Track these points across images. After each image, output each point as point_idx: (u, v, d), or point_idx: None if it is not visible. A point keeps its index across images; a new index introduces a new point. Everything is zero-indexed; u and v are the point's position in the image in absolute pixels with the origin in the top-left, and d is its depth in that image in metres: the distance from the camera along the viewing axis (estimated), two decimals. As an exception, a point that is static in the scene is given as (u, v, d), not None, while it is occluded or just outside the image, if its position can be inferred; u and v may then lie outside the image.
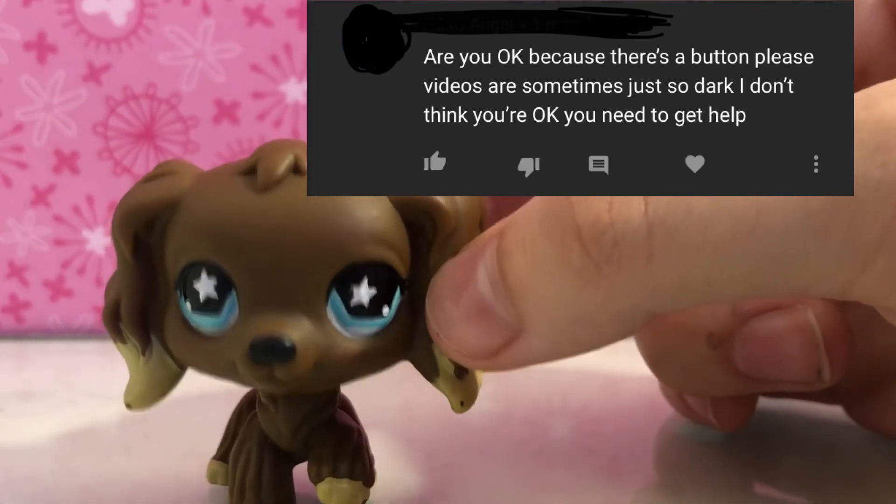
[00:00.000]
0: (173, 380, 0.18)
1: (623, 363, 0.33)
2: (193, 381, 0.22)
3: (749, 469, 0.23)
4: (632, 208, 0.15)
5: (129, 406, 0.18)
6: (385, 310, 0.17)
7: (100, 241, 0.37)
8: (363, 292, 0.17)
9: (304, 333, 0.16)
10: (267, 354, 0.16)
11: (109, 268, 0.37)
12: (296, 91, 0.36)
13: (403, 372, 0.21)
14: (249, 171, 0.17)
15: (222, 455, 0.20)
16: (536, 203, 0.16)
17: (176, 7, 0.35)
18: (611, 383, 0.31)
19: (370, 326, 0.17)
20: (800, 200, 0.14)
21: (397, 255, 0.17)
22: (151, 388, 0.18)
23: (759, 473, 0.22)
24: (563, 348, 0.17)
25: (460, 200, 0.17)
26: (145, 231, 0.17)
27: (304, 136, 0.40)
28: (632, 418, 0.26)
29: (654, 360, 0.22)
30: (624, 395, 0.29)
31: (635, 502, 0.21)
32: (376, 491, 0.20)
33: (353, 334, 0.17)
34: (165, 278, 0.17)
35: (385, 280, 0.17)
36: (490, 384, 0.30)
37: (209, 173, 0.18)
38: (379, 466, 0.21)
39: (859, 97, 0.15)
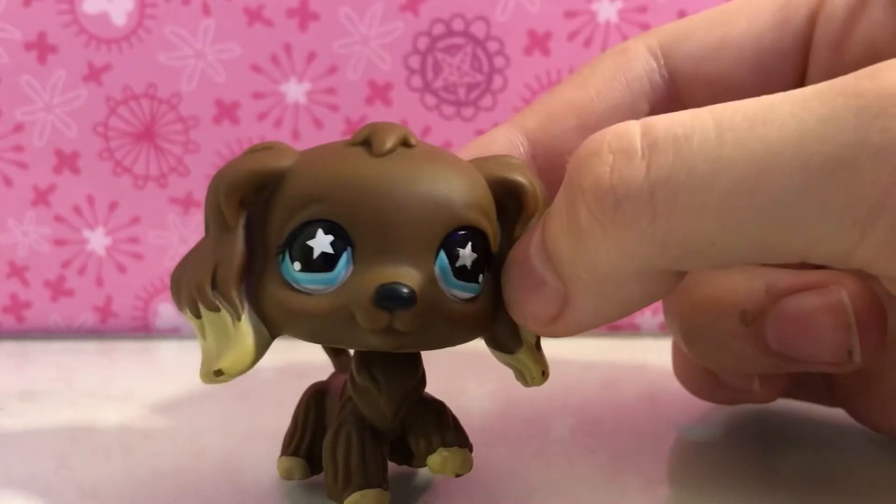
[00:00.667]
0: (263, 349, 0.18)
1: (623, 363, 0.33)
2: (193, 382, 0.22)
3: (749, 468, 0.23)
4: (634, 169, 0.15)
5: (220, 373, 0.18)
6: (480, 277, 0.18)
7: (100, 241, 0.37)
8: (467, 255, 0.18)
9: (417, 284, 0.17)
10: (391, 300, 0.17)
11: (110, 268, 0.37)
12: (296, 91, 0.36)
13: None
14: (361, 142, 0.18)
15: (294, 450, 0.21)
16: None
17: (176, 7, 0.35)
18: (611, 383, 0.31)
19: (466, 290, 0.18)
20: (801, 163, 0.14)
21: (491, 228, 0.18)
22: (244, 357, 0.18)
23: (759, 473, 0.22)
24: (604, 309, 0.17)
25: (538, 184, 0.19)
26: (253, 197, 0.18)
27: (304, 137, 0.40)
28: (632, 418, 0.26)
29: (688, 336, 0.22)
30: (624, 394, 0.29)
31: (635, 502, 0.21)
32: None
33: (453, 296, 0.18)
34: (264, 245, 0.18)
35: (483, 247, 0.18)
36: (490, 384, 0.30)
37: (314, 149, 0.19)
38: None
39: (866, 70, 0.15)
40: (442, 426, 0.19)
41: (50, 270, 0.37)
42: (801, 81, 0.22)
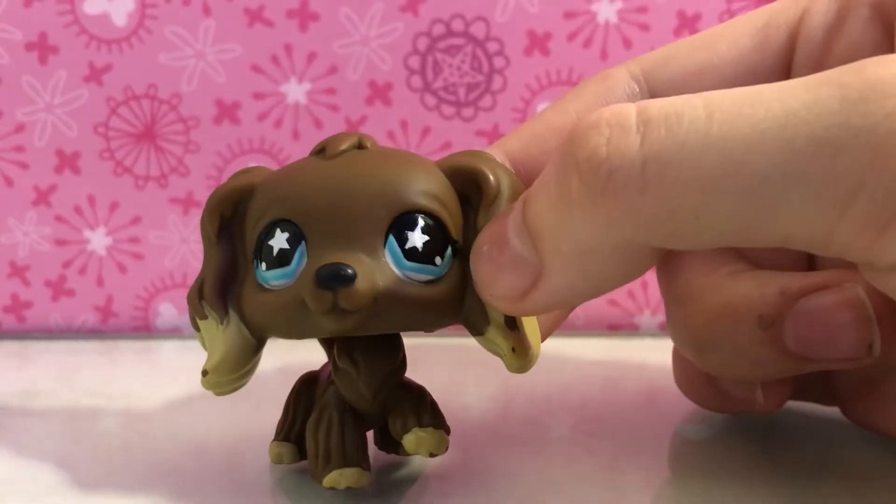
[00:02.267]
0: (249, 353, 0.20)
1: (623, 363, 0.33)
2: (193, 382, 0.22)
3: (748, 468, 0.23)
4: (629, 142, 0.16)
5: (205, 373, 0.20)
6: (437, 260, 0.19)
7: (101, 241, 0.37)
8: (417, 237, 0.19)
9: (364, 266, 0.18)
10: (330, 279, 0.18)
11: (110, 268, 0.37)
12: (296, 91, 0.36)
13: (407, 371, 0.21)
14: (319, 150, 0.20)
15: (285, 435, 0.22)
16: (554, 153, 0.17)
17: (177, 8, 0.35)
18: (611, 382, 0.31)
19: (423, 273, 0.19)
20: (784, 142, 0.15)
21: (448, 214, 0.19)
22: (228, 357, 0.20)
23: (759, 472, 0.22)
24: (578, 284, 0.18)
25: (502, 173, 0.20)
26: (230, 214, 0.20)
27: (304, 137, 0.40)
28: (631, 417, 0.26)
29: (701, 346, 0.22)
30: (624, 394, 0.29)
31: (635, 501, 0.21)
32: (375, 490, 0.20)
33: (408, 278, 0.18)
34: (244, 256, 0.20)
35: (437, 232, 0.19)
36: (490, 384, 0.31)
37: (283, 167, 0.20)
38: (379, 466, 0.21)
39: (851, 64, 0.15)
40: (419, 408, 0.20)
41: (51, 270, 0.37)
42: None
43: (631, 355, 0.34)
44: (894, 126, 0.14)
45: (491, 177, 0.19)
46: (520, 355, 0.19)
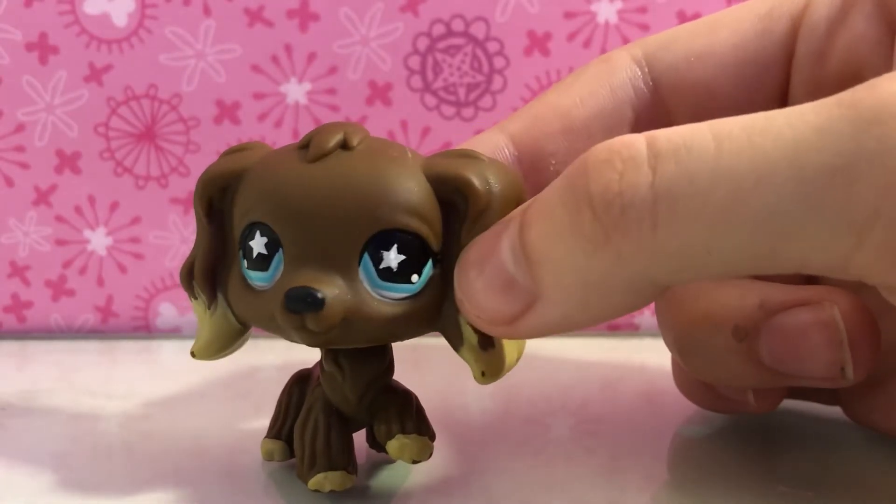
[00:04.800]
0: (234, 336, 0.20)
1: (623, 363, 0.33)
2: (193, 382, 0.22)
3: (748, 468, 0.23)
4: (640, 177, 0.16)
5: (193, 355, 0.20)
6: (414, 277, 0.18)
7: (101, 241, 0.37)
8: (392, 257, 0.18)
9: (335, 289, 0.18)
10: (299, 304, 0.17)
11: (110, 268, 0.37)
12: (296, 91, 0.36)
13: (405, 372, 0.21)
14: (305, 145, 0.19)
15: (276, 433, 0.22)
16: (558, 180, 0.17)
17: (177, 8, 0.35)
18: (610, 383, 0.31)
19: (399, 291, 0.18)
20: (795, 171, 0.14)
21: (429, 228, 0.18)
22: (214, 341, 0.20)
23: (759, 472, 0.22)
24: (575, 316, 0.17)
25: (494, 181, 0.19)
26: (219, 197, 0.20)
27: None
28: (631, 417, 0.26)
29: (683, 351, 0.22)
30: (623, 394, 0.29)
31: (635, 501, 0.21)
32: (375, 490, 0.20)
33: (383, 297, 0.18)
34: (233, 241, 0.19)
35: (415, 249, 0.18)
36: (490, 384, 0.30)
37: (276, 149, 0.20)
38: (379, 466, 0.21)
39: (863, 84, 0.15)
40: (404, 414, 0.20)
41: (51, 270, 0.37)
42: (783, 90, 0.22)
43: (631, 355, 0.34)
44: None
45: (479, 188, 0.18)
46: (488, 378, 0.19)
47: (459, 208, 0.19)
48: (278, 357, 0.31)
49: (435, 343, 0.34)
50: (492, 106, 0.36)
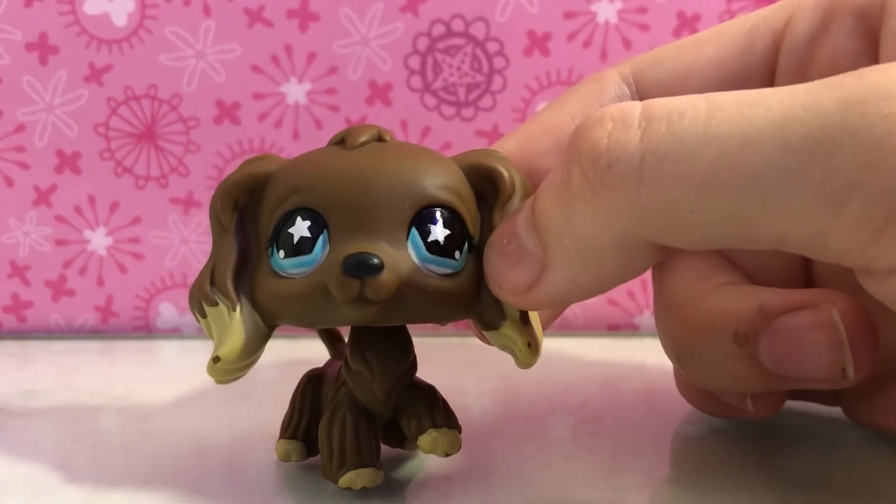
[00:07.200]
0: (261, 339, 0.20)
1: (623, 363, 0.33)
2: (193, 382, 0.22)
3: (748, 467, 0.23)
4: (629, 136, 0.16)
5: (217, 360, 0.19)
6: (457, 254, 0.19)
7: (101, 241, 0.37)
8: (439, 231, 0.19)
9: (389, 256, 0.18)
10: (358, 268, 0.18)
11: (110, 268, 0.37)
12: (296, 92, 0.36)
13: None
14: (338, 141, 0.20)
15: (292, 433, 0.22)
16: (562, 149, 0.18)
17: (177, 8, 0.35)
18: (610, 382, 0.31)
19: (444, 266, 0.19)
20: (781, 140, 0.15)
21: (466, 209, 0.20)
22: (238, 342, 0.19)
23: (759, 472, 0.22)
24: (578, 278, 0.18)
25: (515, 173, 0.20)
26: (245, 200, 0.20)
27: (304, 137, 0.40)
28: (631, 417, 0.26)
29: (682, 357, 0.22)
30: (623, 393, 0.29)
31: (635, 501, 0.21)
32: (376, 489, 0.20)
33: (429, 270, 0.19)
34: (257, 243, 0.20)
35: (457, 227, 0.19)
36: (490, 384, 0.31)
37: (297, 156, 0.20)
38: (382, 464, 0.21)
39: (852, 72, 0.16)
40: (432, 409, 0.20)
41: (51, 270, 0.37)
42: None
43: (631, 355, 0.34)
44: (892, 128, 0.14)
45: (506, 175, 0.20)
46: (534, 350, 0.20)
47: (488, 198, 0.20)
48: (278, 357, 0.31)
49: (435, 342, 0.34)
50: (492, 106, 0.36)
